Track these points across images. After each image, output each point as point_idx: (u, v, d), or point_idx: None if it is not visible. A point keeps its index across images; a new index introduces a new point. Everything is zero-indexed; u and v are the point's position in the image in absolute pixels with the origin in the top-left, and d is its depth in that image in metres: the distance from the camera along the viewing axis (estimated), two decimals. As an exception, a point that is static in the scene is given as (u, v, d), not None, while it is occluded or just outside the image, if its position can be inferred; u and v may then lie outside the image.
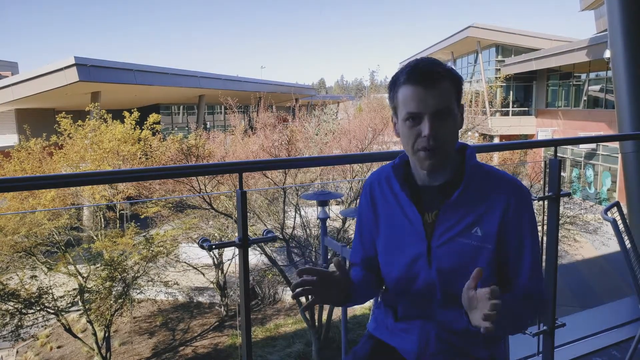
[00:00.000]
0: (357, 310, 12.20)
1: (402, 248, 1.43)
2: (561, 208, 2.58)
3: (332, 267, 1.36)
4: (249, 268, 1.92)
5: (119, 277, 11.13)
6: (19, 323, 10.24)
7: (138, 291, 11.91)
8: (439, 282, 1.37)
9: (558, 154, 2.64)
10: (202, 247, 1.85)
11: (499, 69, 30.47)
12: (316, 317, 11.33)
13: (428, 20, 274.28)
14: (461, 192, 1.35)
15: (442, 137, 1.30)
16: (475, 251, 1.35)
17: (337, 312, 11.86)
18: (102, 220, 13.60)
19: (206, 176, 12.57)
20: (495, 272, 1.38)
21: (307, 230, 12.40)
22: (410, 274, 1.41)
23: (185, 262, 13.78)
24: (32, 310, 10.40)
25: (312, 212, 12.50)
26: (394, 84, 1.35)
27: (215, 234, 13.27)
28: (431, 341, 1.41)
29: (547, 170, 2.50)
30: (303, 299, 11.35)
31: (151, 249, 11.81)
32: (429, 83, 1.29)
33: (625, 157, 4.44)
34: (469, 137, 23.46)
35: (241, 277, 1.89)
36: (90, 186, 12.81)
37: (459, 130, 1.39)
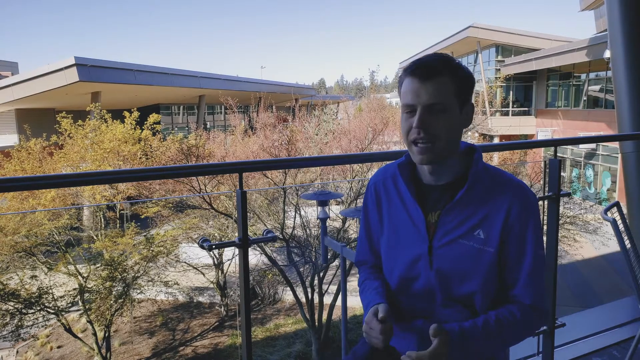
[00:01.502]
0: (357, 310, 12.19)
1: (403, 247, 1.42)
2: (561, 208, 2.59)
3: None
4: (249, 268, 1.92)
5: (119, 277, 11.13)
6: (19, 323, 10.24)
7: (138, 291, 11.92)
8: (439, 283, 1.36)
9: (558, 154, 2.64)
10: (202, 247, 1.85)
11: (499, 69, 30.44)
12: (316, 317, 11.33)
13: (428, 20, 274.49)
14: (465, 192, 1.34)
15: (433, 132, 1.29)
16: (477, 254, 1.33)
17: (337, 312, 11.86)
18: (103, 220, 13.62)
19: (206, 176, 12.57)
20: (497, 276, 1.36)
21: (307, 230, 12.39)
22: (410, 273, 1.40)
23: (185, 262, 13.78)
24: (32, 310, 10.40)
25: (312, 212, 12.49)
26: (400, 77, 1.38)
27: (216, 234, 13.27)
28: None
29: (547, 170, 2.50)
30: (303, 299, 11.41)
31: (151, 249, 11.82)
32: (425, 77, 1.29)
33: (625, 157, 4.44)
34: (469, 137, 23.45)
35: (241, 277, 1.89)
36: (90, 186, 12.81)
37: (462, 129, 1.38)
